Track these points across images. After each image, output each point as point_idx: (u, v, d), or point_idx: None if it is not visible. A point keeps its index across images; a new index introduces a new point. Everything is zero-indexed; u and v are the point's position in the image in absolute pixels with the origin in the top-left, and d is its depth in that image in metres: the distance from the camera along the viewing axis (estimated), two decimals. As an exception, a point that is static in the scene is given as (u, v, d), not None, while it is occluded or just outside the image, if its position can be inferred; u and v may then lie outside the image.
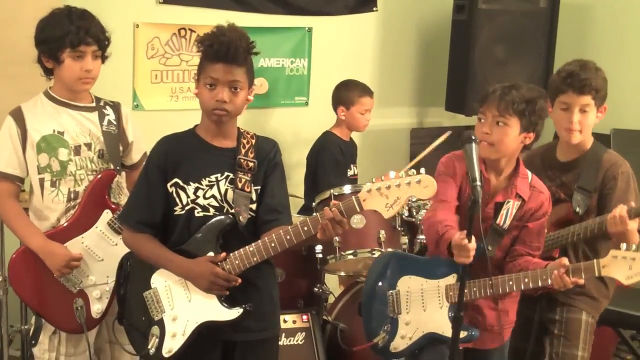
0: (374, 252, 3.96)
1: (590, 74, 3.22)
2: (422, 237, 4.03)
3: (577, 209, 3.25)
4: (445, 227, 2.97)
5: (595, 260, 2.81)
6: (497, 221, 3.01)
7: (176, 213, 2.83)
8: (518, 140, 3.01)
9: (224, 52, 2.73)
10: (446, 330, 2.98)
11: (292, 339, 3.94)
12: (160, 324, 2.87)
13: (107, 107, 3.40)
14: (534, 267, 2.95)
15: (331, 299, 4.38)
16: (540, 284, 2.88)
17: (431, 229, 3.05)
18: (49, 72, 3.31)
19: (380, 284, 3.24)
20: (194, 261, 2.79)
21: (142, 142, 3.50)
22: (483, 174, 3.05)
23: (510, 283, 2.92)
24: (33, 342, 3.37)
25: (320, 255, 4.00)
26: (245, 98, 2.83)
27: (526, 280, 2.90)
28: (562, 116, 3.26)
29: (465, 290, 2.94)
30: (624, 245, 2.76)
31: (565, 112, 3.25)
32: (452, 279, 3.03)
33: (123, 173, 3.47)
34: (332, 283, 4.53)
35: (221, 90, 2.75)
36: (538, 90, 3.07)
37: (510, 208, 3.01)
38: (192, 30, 4.78)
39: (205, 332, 2.82)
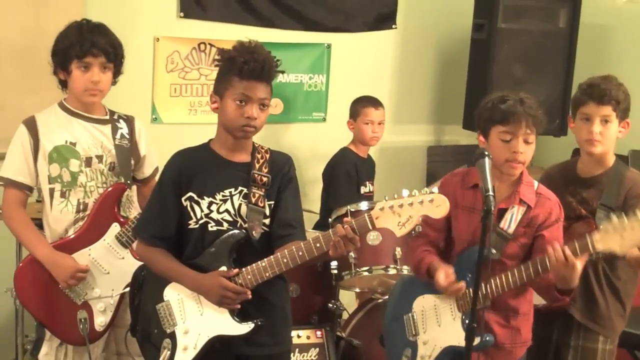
0: (389, 269, 3.95)
1: (610, 85, 3.22)
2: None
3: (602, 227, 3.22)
4: (423, 252, 3.13)
5: (587, 236, 2.77)
6: (501, 225, 3.00)
7: (190, 227, 2.84)
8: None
9: (259, 70, 2.76)
10: (462, 340, 2.93)
11: (305, 354, 3.93)
12: (172, 336, 2.88)
13: (121, 120, 3.42)
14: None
15: (345, 315, 4.37)
16: (540, 270, 2.85)
17: (412, 253, 3.18)
18: (64, 84, 3.34)
19: (396, 311, 3.26)
20: (205, 275, 2.80)
21: (154, 156, 3.52)
22: (479, 184, 3.05)
23: (514, 278, 2.91)
24: (35, 352, 3.38)
25: (335, 271, 4.00)
26: (267, 115, 2.86)
27: (528, 271, 2.89)
28: (583, 127, 3.25)
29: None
30: (614, 217, 2.72)
31: (585, 123, 3.24)
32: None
33: (134, 187, 3.48)
34: (347, 299, 4.52)
35: (251, 108, 2.77)
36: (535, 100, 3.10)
37: (515, 213, 3.01)
38: (211, 45, 4.80)
39: (218, 346, 2.83)
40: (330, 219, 4.13)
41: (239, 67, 2.75)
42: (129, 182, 3.39)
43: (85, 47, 3.21)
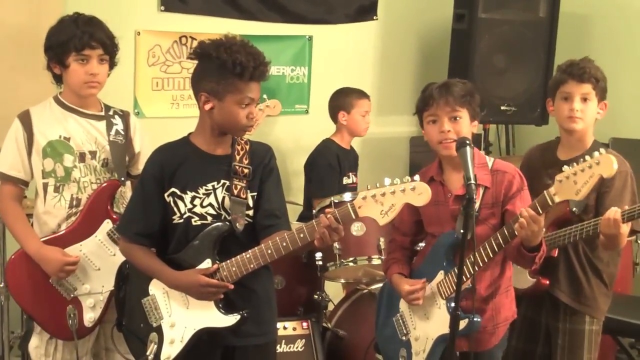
0: (373, 259, 3.97)
1: (589, 64, 3.28)
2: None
3: (574, 209, 3.25)
4: (390, 260, 3.24)
5: (545, 192, 2.77)
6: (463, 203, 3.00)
7: (174, 222, 2.85)
8: (470, 130, 3.05)
9: (260, 72, 2.79)
10: None
11: (292, 345, 3.95)
12: (159, 330, 2.89)
13: (116, 116, 3.41)
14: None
15: (331, 307, 4.39)
16: (509, 237, 2.86)
17: (386, 255, 3.34)
18: (58, 79, 3.33)
19: (385, 316, 3.29)
20: (183, 273, 2.81)
21: (149, 152, 3.51)
22: (435, 177, 3.09)
23: (486, 251, 2.91)
24: (23, 343, 3.39)
25: (320, 263, 4.01)
26: None
27: (498, 240, 2.89)
28: (563, 106, 3.29)
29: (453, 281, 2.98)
30: (565, 167, 2.72)
31: (566, 102, 3.29)
32: (440, 276, 3.05)
33: (128, 183, 3.47)
34: (332, 290, 4.54)
35: (253, 108, 2.81)
36: (469, 83, 3.14)
37: (476, 190, 3.01)
38: (193, 38, 4.80)
39: (205, 338, 2.84)
40: (314, 211, 4.14)
41: (250, 72, 2.75)
42: (122, 178, 3.38)
43: (84, 39, 3.21)
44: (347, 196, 3.99)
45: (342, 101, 4.76)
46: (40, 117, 3.29)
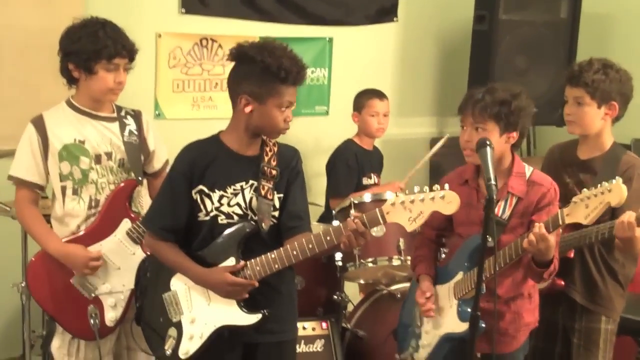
0: (393, 259, 3.97)
1: (586, 68, 3.24)
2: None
3: None
4: (417, 257, 3.27)
5: (559, 211, 2.80)
6: (495, 212, 2.97)
7: (200, 219, 2.87)
8: (501, 141, 2.99)
9: (302, 76, 2.82)
10: (456, 327, 3.01)
11: (311, 346, 3.95)
12: (178, 325, 2.91)
13: (128, 116, 3.43)
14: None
15: (350, 307, 4.39)
16: (520, 251, 2.88)
17: (413, 252, 3.36)
18: (72, 82, 3.35)
19: (408, 306, 3.33)
20: (210, 271, 2.83)
21: (163, 150, 3.53)
22: (470, 182, 3.09)
23: (499, 259, 2.92)
24: (45, 344, 3.41)
25: (339, 263, 4.02)
26: None
27: (511, 251, 2.91)
28: (565, 108, 3.33)
29: (468, 283, 3.01)
30: (585, 190, 2.74)
31: (566, 104, 3.33)
32: (459, 276, 3.06)
33: (144, 182, 3.50)
34: (351, 291, 4.54)
35: (290, 111, 2.85)
36: (513, 91, 3.03)
37: (509, 199, 3.01)
38: (213, 40, 4.82)
39: (226, 335, 2.86)
40: (333, 211, 4.14)
41: (294, 77, 2.78)
42: (140, 178, 3.41)
43: (117, 48, 3.24)
44: (367, 197, 4.00)
45: (355, 102, 4.76)
46: (54, 121, 3.31)
